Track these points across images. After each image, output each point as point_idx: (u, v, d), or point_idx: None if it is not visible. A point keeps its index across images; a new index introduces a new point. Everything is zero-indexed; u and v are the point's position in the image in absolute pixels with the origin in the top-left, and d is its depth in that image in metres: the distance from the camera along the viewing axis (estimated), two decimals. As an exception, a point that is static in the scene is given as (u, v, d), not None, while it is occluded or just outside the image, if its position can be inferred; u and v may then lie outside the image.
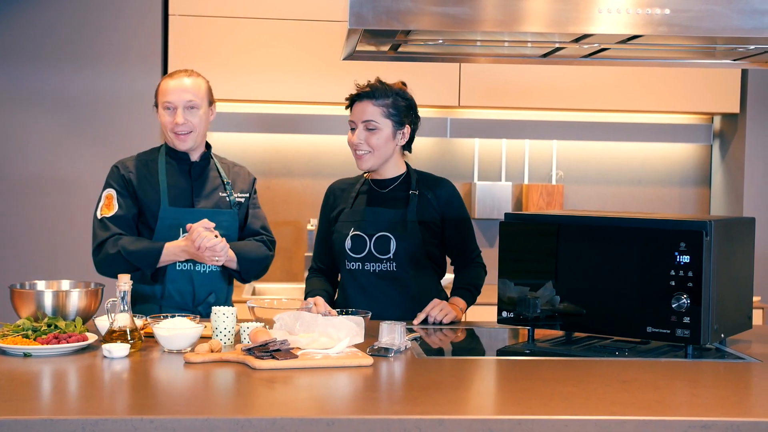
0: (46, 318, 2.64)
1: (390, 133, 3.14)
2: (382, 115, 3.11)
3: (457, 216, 3.23)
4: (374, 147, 3.12)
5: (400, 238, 3.13)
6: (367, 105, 3.12)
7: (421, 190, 3.21)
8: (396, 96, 3.14)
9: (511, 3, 2.50)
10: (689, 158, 5.12)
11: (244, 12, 4.54)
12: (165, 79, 3.19)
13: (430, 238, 3.18)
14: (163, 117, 3.17)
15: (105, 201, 3.15)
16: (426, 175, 3.29)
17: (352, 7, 2.47)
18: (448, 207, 3.22)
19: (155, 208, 3.14)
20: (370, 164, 3.16)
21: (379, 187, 3.24)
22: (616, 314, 2.69)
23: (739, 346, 2.77)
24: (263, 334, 2.46)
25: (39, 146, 4.51)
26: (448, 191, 3.24)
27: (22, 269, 4.42)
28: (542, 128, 4.93)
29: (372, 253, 3.15)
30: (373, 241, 3.15)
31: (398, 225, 3.15)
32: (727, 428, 1.97)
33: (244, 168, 3.39)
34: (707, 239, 2.56)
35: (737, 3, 2.50)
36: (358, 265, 3.17)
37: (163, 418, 1.92)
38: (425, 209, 3.19)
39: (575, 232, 2.76)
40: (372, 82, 3.15)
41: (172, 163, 3.22)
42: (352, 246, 3.18)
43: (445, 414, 1.98)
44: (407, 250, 3.13)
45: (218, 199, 3.22)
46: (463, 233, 3.26)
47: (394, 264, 3.14)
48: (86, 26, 4.49)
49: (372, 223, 3.17)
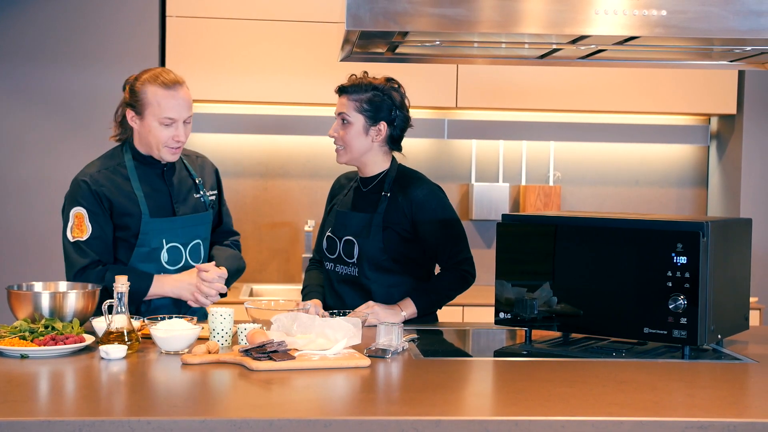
0: (44, 319, 2.64)
1: (361, 128, 3.08)
2: (355, 109, 3.08)
3: (433, 217, 3.10)
4: (345, 141, 3.10)
5: (363, 243, 3.09)
6: (342, 98, 3.11)
7: (395, 191, 3.12)
8: (375, 91, 3.08)
9: (507, 4, 2.50)
10: (686, 159, 5.12)
11: (242, 13, 4.54)
12: (156, 87, 2.92)
13: (396, 242, 3.09)
14: (158, 131, 2.92)
15: (75, 221, 2.94)
16: (407, 174, 3.18)
17: (349, 9, 2.47)
18: (421, 210, 3.09)
19: (135, 222, 2.95)
20: (344, 159, 3.14)
21: (362, 185, 3.21)
22: (614, 315, 2.69)
23: (735, 346, 2.77)
24: (260, 336, 2.46)
25: (36, 147, 4.51)
26: (422, 193, 3.11)
27: (19, 270, 4.41)
28: (539, 129, 4.94)
29: (341, 256, 3.15)
30: (342, 244, 3.14)
31: (363, 230, 3.10)
32: (724, 429, 1.97)
33: (206, 158, 3.23)
34: (704, 240, 2.56)
35: (734, 4, 2.50)
36: (332, 266, 3.19)
37: (160, 420, 1.92)
38: (394, 213, 3.10)
39: (572, 233, 2.77)
40: (357, 76, 3.12)
41: (142, 168, 3.01)
42: (327, 247, 3.20)
43: (442, 415, 1.98)
44: (369, 255, 3.09)
45: (195, 201, 3.08)
46: (441, 237, 3.12)
47: (357, 269, 3.11)
48: (83, 27, 4.49)
49: (341, 226, 3.16)
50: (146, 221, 2.96)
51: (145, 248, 2.97)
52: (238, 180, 4.84)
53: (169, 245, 3.00)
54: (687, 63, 3.14)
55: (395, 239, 3.10)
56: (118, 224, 2.97)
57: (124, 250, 2.99)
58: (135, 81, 2.97)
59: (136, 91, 2.95)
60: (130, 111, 2.98)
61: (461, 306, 4.35)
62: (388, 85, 3.12)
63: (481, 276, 4.92)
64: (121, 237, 2.98)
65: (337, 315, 2.86)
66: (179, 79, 2.96)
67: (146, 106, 2.93)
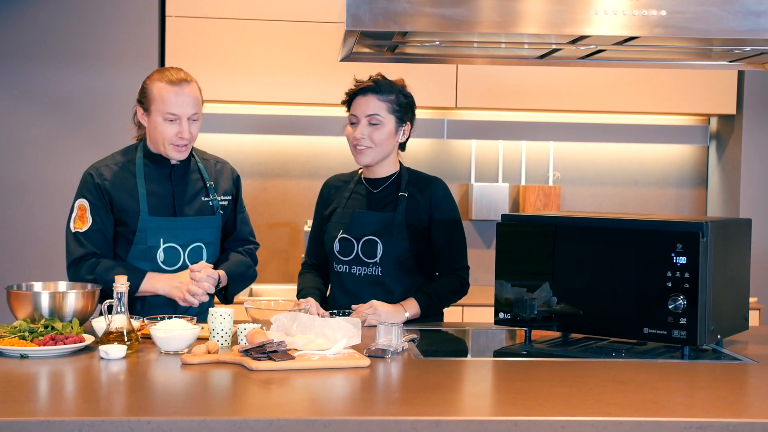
0: (43, 319, 2.64)
1: (393, 128, 3.10)
2: (387, 110, 3.08)
3: (446, 218, 3.15)
4: (377, 142, 3.08)
5: (387, 242, 3.08)
6: (371, 99, 3.08)
7: (411, 192, 3.15)
8: (399, 92, 3.11)
9: (507, 5, 2.51)
10: (686, 159, 5.12)
11: (241, 13, 4.54)
12: (162, 83, 2.96)
13: (419, 240, 3.12)
14: (163, 127, 2.96)
15: (78, 212, 2.98)
16: (418, 174, 3.22)
17: (349, 9, 2.47)
18: (438, 209, 3.14)
19: (134, 218, 2.98)
20: (370, 159, 3.10)
21: (371, 187, 3.19)
22: (613, 315, 2.69)
23: (735, 347, 2.77)
24: (260, 336, 2.46)
25: (35, 147, 4.51)
26: (440, 192, 3.16)
27: (18, 270, 4.42)
28: (539, 129, 4.94)
29: (359, 257, 3.11)
30: (361, 244, 3.11)
31: (385, 229, 3.10)
32: (723, 429, 1.97)
33: (227, 164, 3.22)
34: (704, 240, 2.56)
35: (733, 4, 2.50)
36: (346, 268, 3.14)
37: (160, 420, 1.92)
38: (414, 211, 3.12)
39: (572, 233, 2.77)
40: (375, 76, 3.11)
41: (151, 167, 3.04)
42: (340, 249, 3.14)
43: (441, 415, 1.98)
44: (394, 255, 3.08)
45: (201, 204, 3.07)
46: (450, 237, 3.15)
47: (380, 269, 3.10)
48: (83, 28, 4.49)
49: (360, 226, 3.12)
50: (144, 219, 2.97)
51: (141, 246, 2.98)
52: (237, 180, 4.84)
53: (167, 245, 3.00)
54: (686, 63, 3.14)
55: (417, 237, 3.11)
56: (118, 219, 3.00)
57: (123, 245, 3.01)
58: (146, 79, 3.03)
59: (145, 88, 3.01)
60: (139, 108, 3.04)
61: (461, 306, 4.35)
62: (405, 86, 3.16)
63: (480, 276, 4.96)
64: (120, 232, 3.01)
65: (337, 315, 2.86)
66: (187, 77, 2.99)
67: (152, 102, 2.97)
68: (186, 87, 2.97)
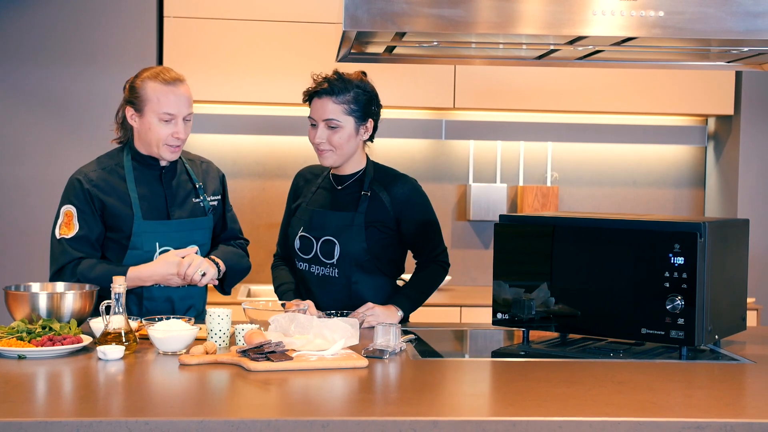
0: (41, 320, 2.64)
1: (352, 130, 3.02)
2: (344, 112, 2.99)
3: (416, 216, 3.09)
4: (336, 146, 3.01)
5: (345, 243, 3.03)
6: (326, 102, 3.00)
7: (375, 190, 3.08)
8: (356, 89, 3.00)
9: (505, 5, 2.51)
10: (684, 160, 5.13)
11: (239, 14, 4.54)
12: (157, 83, 2.92)
13: (381, 241, 3.06)
14: (158, 128, 2.91)
15: (64, 219, 2.92)
16: (385, 171, 3.14)
17: (347, 9, 2.47)
18: (406, 207, 3.07)
19: (127, 223, 2.93)
20: (332, 161, 3.05)
21: (336, 183, 3.13)
22: (611, 316, 2.70)
23: (733, 347, 2.77)
24: (258, 336, 2.46)
25: (33, 147, 4.51)
26: (406, 190, 3.09)
27: (16, 271, 4.41)
28: (537, 130, 4.94)
29: (318, 257, 3.08)
30: (319, 244, 3.07)
31: (344, 229, 3.04)
32: (721, 429, 1.98)
33: (212, 164, 3.19)
34: (701, 241, 2.56)
35: (731, 5, 2.51)
36: (306, 266, 3.12)
37: (158, 420, 1.92)
38: (377, 210, 3.06)
39: (570, 233, 2.77)
40: (329, 75, 3.01)
41: (140, 170, 2.99)
42: (300, 246, 3.11)
43: (440, 415, 1.98)
44: (352, 256, 3.03)
45: (193, 206, 3.04)
46: (424, 233, 3.11)
47: (336, 270, 3.05)
48: (81, 28, 4.49)
49: (319, 226, 3.07)
50: (138, 223, 2.94)
51: (137, 251, 2.94)
52: (235, 180, 4.84)
53: (163, 249, 2.97)
54: (684, 64, 3.14)
55: (377, 238, 3.06)
56: (111, 225, 2.95)
57: (117, 251, 2.96)
58: (135, 78, 2.97)
59: (136, 88, 2.95)
60: (129, 109, 2.97)
61: (459, 306, 4.35)
62: (364, 79, 3.05)
63: (478, 276, 4.96)
64: (113, 238, 2.96)
65: (335, 315, 2.86)
66: (180, 77, 2.96)
67: (146, 102, 2.92)
68: (181, 86, 2.94)
